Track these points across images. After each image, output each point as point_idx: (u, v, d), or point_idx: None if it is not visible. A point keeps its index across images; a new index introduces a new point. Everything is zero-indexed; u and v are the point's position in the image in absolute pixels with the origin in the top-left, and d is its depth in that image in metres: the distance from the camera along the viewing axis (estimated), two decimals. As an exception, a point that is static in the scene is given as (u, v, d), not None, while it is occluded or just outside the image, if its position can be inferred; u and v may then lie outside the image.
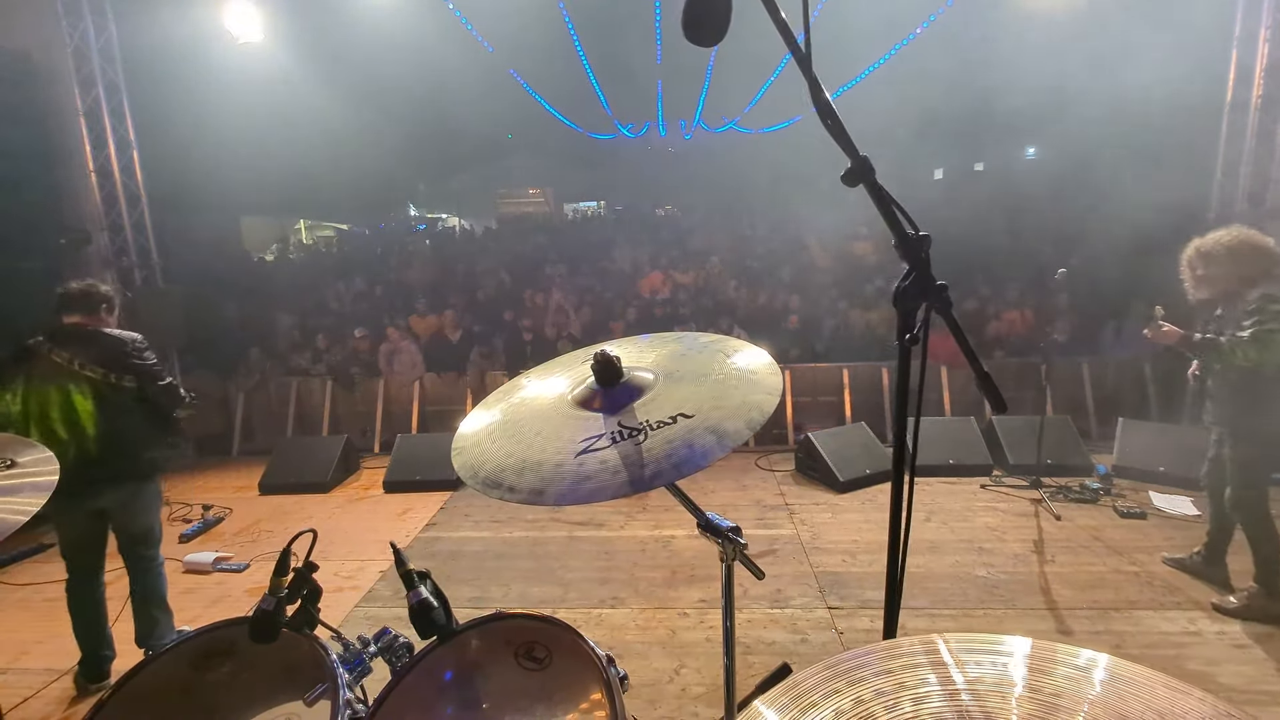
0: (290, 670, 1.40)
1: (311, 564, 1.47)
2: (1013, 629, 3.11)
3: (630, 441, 1.11)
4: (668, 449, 1.08)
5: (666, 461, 1.05)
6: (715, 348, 1.38)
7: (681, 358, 1.36)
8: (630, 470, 1.06)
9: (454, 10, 8.40)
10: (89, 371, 2.76)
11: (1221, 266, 2.96)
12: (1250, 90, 5.49)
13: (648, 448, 1.09)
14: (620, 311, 7.63)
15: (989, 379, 0.96)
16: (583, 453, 1.12)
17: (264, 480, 5.62)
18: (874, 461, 5.19)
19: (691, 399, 1.19)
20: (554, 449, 1.16)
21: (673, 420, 1.13)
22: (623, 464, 1.07)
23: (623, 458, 1.08)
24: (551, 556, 4.05)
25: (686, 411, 1.14)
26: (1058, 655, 0.65)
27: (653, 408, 1.19)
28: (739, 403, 1.16)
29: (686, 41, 1.03)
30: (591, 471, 1.08)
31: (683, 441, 1.08)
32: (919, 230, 0.95)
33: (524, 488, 1.11)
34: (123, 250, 6.33)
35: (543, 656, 1.41)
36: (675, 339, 1.48)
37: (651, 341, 1.49)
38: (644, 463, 1.06)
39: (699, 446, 1.07)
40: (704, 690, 2.70)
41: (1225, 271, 2.95)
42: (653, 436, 1.11)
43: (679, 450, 1.07)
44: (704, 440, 1.08)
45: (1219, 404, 3.08)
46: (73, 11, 5.88)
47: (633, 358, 1.38)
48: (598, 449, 1.12)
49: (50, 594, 3.78)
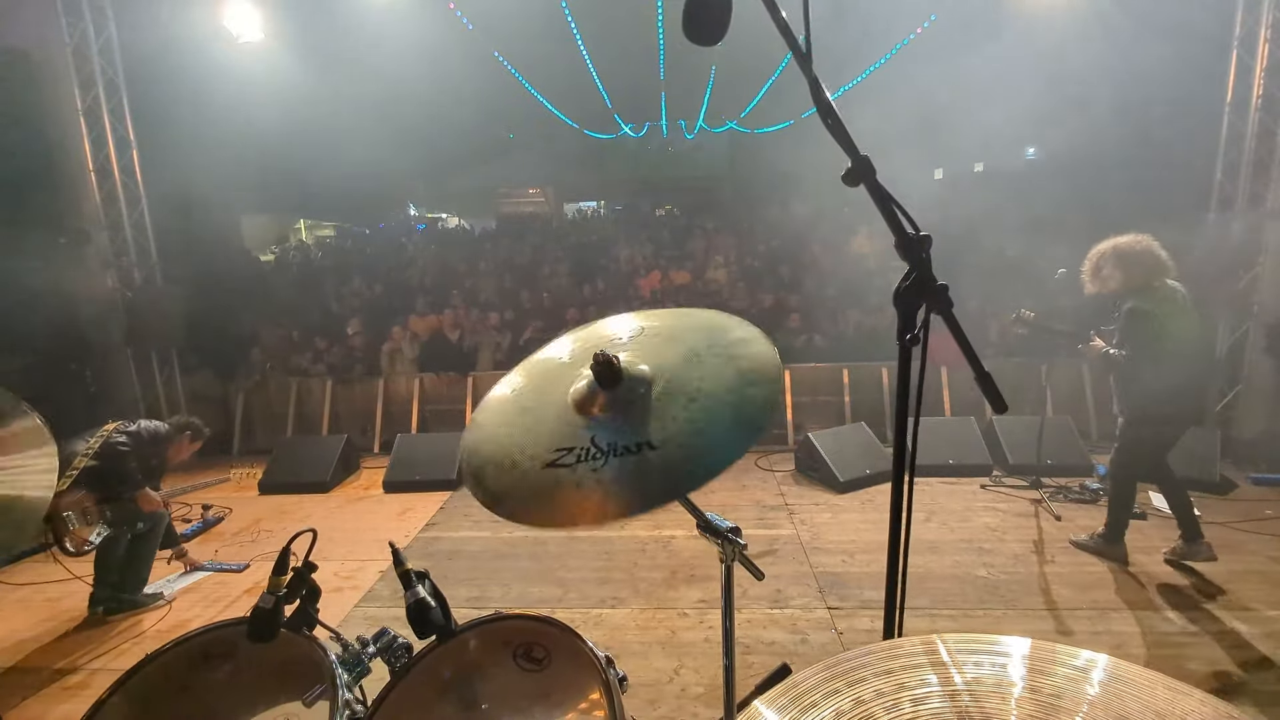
0: (289, 671, 1.40)
1: (310, 564, 1.47)
2: (1013, 629, 3.10)
3: (589, 464, 1.04)
4: (615, 481, 1.00)
5: (607, 490, 0.99)
6: (729, 353, 1.22)
7: (692, 361, 1.23)
8: (567, 505, 1.00)
9: (455, 11, 8.38)
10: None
11: (1114, 270, 3.36)
12: (1250, 90, 5.49)
13: (598, 478, 1.02)
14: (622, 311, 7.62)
15: (989, 379, 0.96)
16: (550, 465, 1.06)
17: (264, 480, 5.62)
18: (874, 461, 5.19)
19: (673, 420, 1.08)
20: (530, 454, 1.11)
21: (635, 449, 1.03)
22: (574, 488, 1.01)
23: (576, 481, 1.02)
24: (551, 556, 4.05)
25: (654, 442, 1.04)
26: (1057, 656, 0.65)
27: (626, 426, 1.09)
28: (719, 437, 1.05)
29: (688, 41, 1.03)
30: (547, 488, 1.03)
31: (632, 477, 1.00)
32: (919, 230, 0.95)
33: (493, 488, 1.09)
34: (123, 250, 6.33)
35: (541, 657, 1.41)
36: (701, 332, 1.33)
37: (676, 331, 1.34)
38: (585, 492, 1.00)
39: (645, 490, 0.98)
40: (703, 690, 2.70)
41: (1116, 276, 3.35)
42: (611, 464, 1.03)
43: (624, 487, 0.99)
44: (652, 484, 0.99)
45: (1117, 396, 3.61)
46: (72, 11, 5.87)
47: (656, 352, 1.26)
48: (564, 464, 1.06)
49: (50, 594, 3.78)
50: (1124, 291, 3.34)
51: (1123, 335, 3.33)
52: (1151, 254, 3.30)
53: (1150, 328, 3.22)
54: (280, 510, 5.12)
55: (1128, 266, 3.32)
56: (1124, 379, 3.42)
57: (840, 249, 9.02)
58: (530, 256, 10.71)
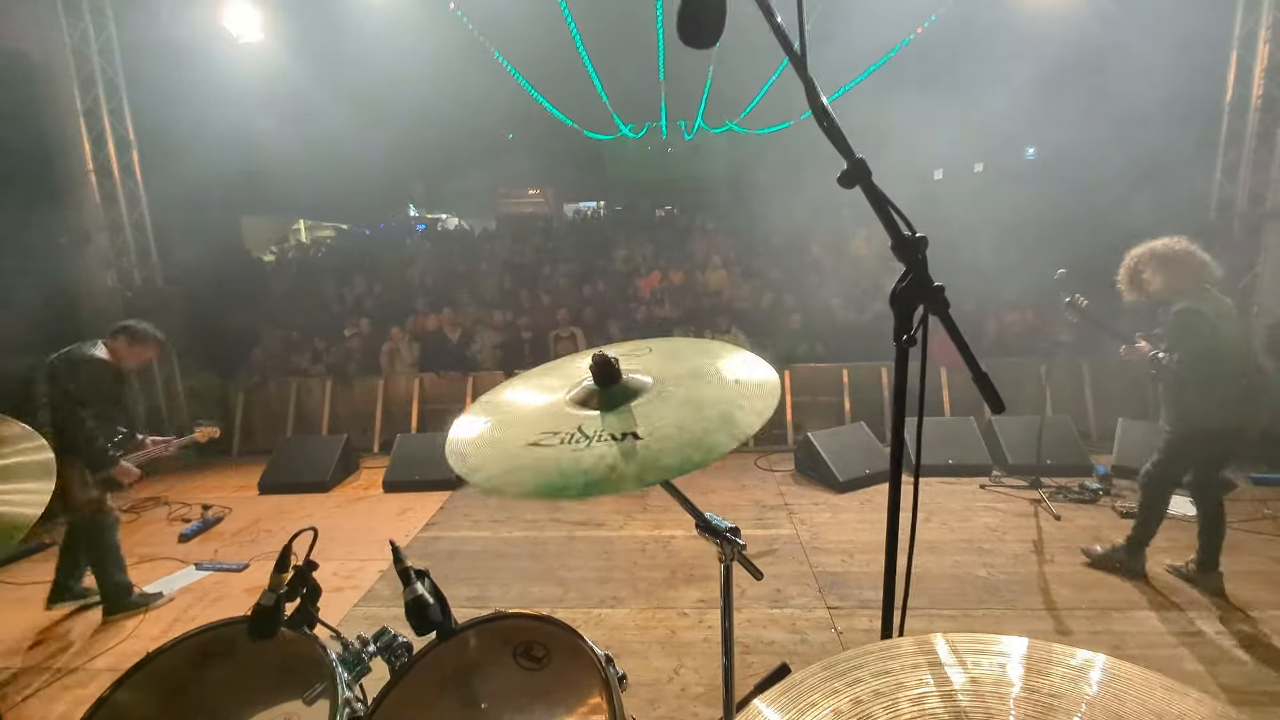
0: (289, 669, 1.40)
1: (311, 562, 1.47)
2: (1012, 629, 3.10)
3: (570, 445, 1.07)
4: (595, 460, 1.03)
5: (581, 478, 1.01)
6: (730, 371, 1.26)
7: (684, 375, 1.27)
8: (544, 475, 1.03)
9: (455, 11, 8.38)
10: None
11: (1154, 274, 3.14)
12: (1250, 91, 5.49)
13: (577, 457, 1.05)
14: (622, 311, 7.64)
15: (987, 379, 0.96)
16: (531, 444, 1.11)
17: (264, 480, 5.62)
18: (874, 461, 5.19)
19: (662, 418, 1.11)
20: (514, 436, 1.15)
21: (620, 438, 1.07)
22: (553, 466, 1.04)
23: (555, 459, 1.05)
24: (551, 556, 4.05)
25: (640, 432, 1.07)
26: (1055, 656, 0.65)
27: (615, 419, 1.13)
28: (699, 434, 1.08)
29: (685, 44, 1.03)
30: (527, 463, 1.07)
31: (612, 459, 1.03)
32: (915, 231, 0.95)
33: (473, 463, 1.11)
34: (123, 250, 6.33)
35: (541, 656, 1.41)
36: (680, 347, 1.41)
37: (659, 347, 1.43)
38: (562, 471, 1.03)
39: (624, 472, 1.01)
40: (703, 690, 2.71)
41: (1157, 279, 3.14)
42: (594, 447, 1.06)
43: (603, 466, 1.02)
44: (628, 470, 1.02)
45: (1165, 405, 3.30)
46: (72, 11, 5.88)
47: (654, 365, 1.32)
48: (545, 445, 1.10)
49: (50, 593, 3.79)
50: (1168, 294, 3.12)
51: (1174, 339, 3.08)
52: (1194, 255, 3.10)
53: (1204, 329, 2.99)
54: (280, 510, 5.13)
55: (1170, 268, 3.10)
56: (1175, 386, 3.15)
57: (840, 249, 9.02)
58: (530, 257, 10.71)
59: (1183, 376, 3.08)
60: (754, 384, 1.19)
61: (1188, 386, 3.10)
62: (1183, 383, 3.10)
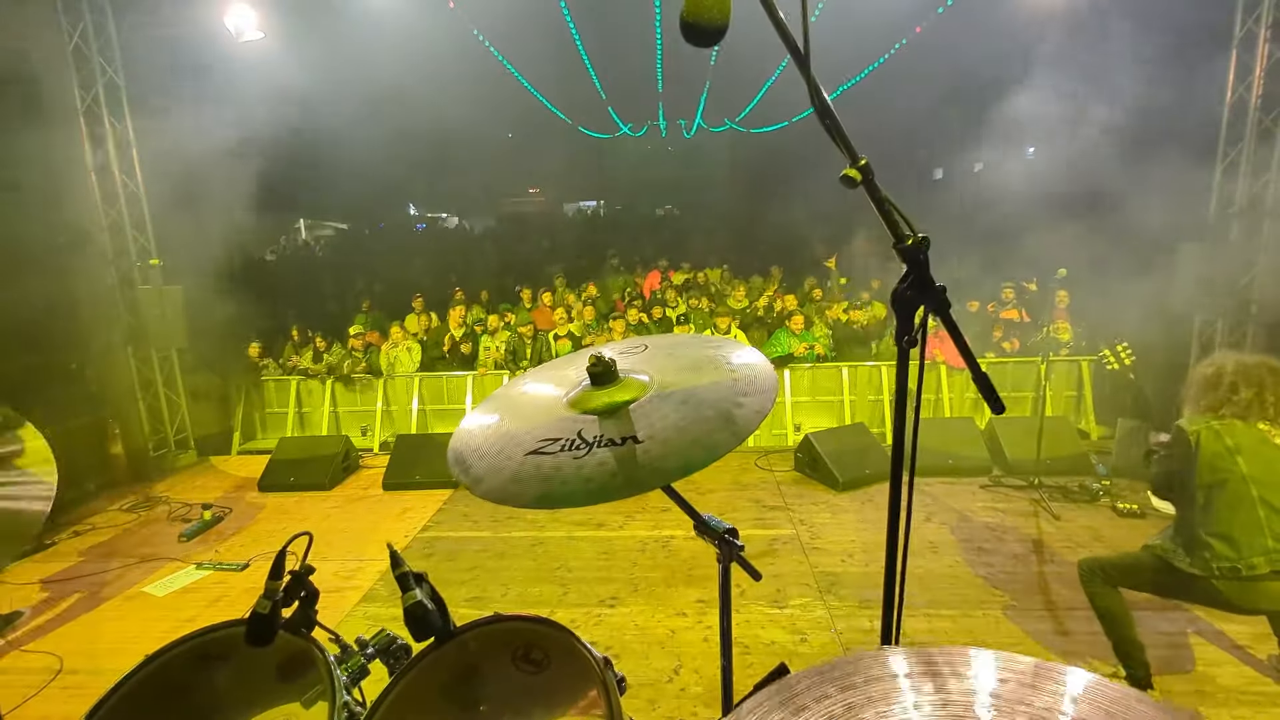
0: (288, 672, 1.40)
1: (308, 566, 1.47)
2: (1012, 629, 3.11)
3: (571, 453, 1.07)
4: (596, 468, 1.03)
5: (583, 487, 1.01)
6: (728, 368, 1.24)
7: (686, 370, 1.26)
8: (546, 485, 1.03)
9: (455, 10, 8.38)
10: None
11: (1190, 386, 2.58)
12: (1250, 90, 5.48)
13: (578, 465, 1.04)
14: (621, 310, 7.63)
15: (986, 379, 0.96)
16: (532, 453, 1.10)
17: (264, 480, 5.62)
18: (873, 461, 5.19)
19: (662, 419, 1.10)
20: (515, 443, 1.15)
21: (620, 442, 1.05)
22: (555, 475, 1.04)
23: (556, 468, 1.05)
24: (550, 556, 4.05)
25: (639, 435, 1.06)
26: (1052, 673, 0.65)
27: (614, 424, 1.11)
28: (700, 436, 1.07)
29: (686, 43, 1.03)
30: (526, 474, 1.06)
31: (612, 466, 1.03)
32: (917, 232, 0.95)
33: (476, 472, 1.11)
34: (123, 250, 6.33)
35: (540, 659, 1.41)
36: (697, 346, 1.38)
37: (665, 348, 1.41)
38: (565, 479, 1.03)
39: (624, 478, 1.00)
40: (703, 690, 2.70)
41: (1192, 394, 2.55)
42: (595, 454, 1.05)
43: (604, 474, 1.02)
44: (630, 476, 1.01)
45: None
46: (72, 10, 5.86)
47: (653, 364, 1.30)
48: (545, 453, 1.09)
49: (50, 594, 3.79)
50: (1187, 402, 2.54)
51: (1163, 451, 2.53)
52: (1224, 378, 2.44)
53: (1182, 452, 2.45)
54: (280, 510, 5.12)
55: (1197, 381, 2.54)
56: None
57: (840, 249, 9.02)
58: (530, 257, 10.72)
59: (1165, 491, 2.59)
60: (751, 380, 1.19)
61: (1178, 506, 2.54)
62: (1177, 500, 2.54)
